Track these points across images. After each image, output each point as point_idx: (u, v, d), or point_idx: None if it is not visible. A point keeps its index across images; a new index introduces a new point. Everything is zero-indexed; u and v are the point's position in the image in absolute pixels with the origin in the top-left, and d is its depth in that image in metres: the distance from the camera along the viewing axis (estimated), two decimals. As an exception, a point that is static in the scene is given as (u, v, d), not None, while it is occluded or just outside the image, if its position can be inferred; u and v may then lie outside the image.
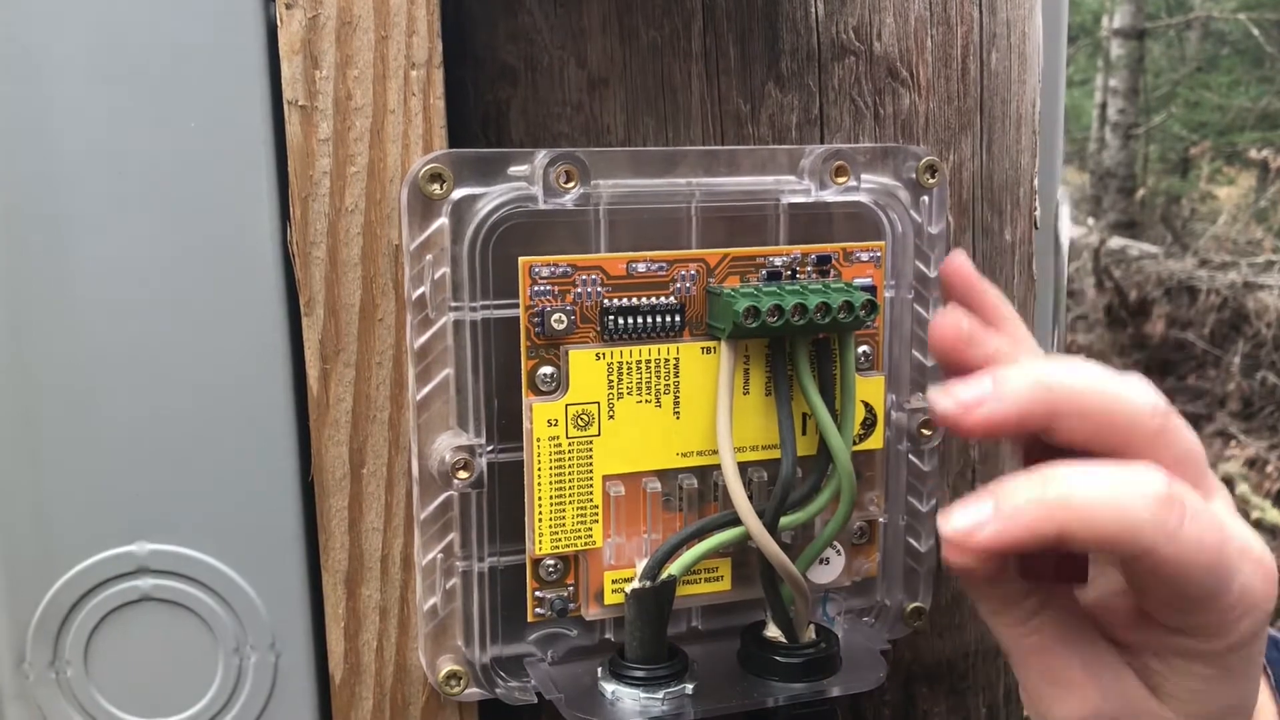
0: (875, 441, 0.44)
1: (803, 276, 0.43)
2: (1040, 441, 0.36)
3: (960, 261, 0.41)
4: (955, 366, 0.39)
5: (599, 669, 0.42)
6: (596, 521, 0.41)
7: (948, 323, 0.39)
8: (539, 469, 0.40)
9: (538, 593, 0.42)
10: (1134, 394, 0.36)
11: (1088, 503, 0.33)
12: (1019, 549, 0.34)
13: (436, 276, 0.39)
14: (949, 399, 0.36)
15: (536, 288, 0.40)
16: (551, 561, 0.42)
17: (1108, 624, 0.39)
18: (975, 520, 0.34)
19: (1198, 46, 5.71)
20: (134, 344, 0.39)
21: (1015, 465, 0.52)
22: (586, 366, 0.40)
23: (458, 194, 0.39)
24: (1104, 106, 5.57)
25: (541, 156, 0.39)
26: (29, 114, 0.37)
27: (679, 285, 0.41)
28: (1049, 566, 0.38)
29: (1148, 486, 0.33)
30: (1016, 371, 0.36)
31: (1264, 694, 0.42)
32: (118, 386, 0.39)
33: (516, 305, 0.40)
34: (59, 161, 0.38)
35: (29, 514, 0.39)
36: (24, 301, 0.38)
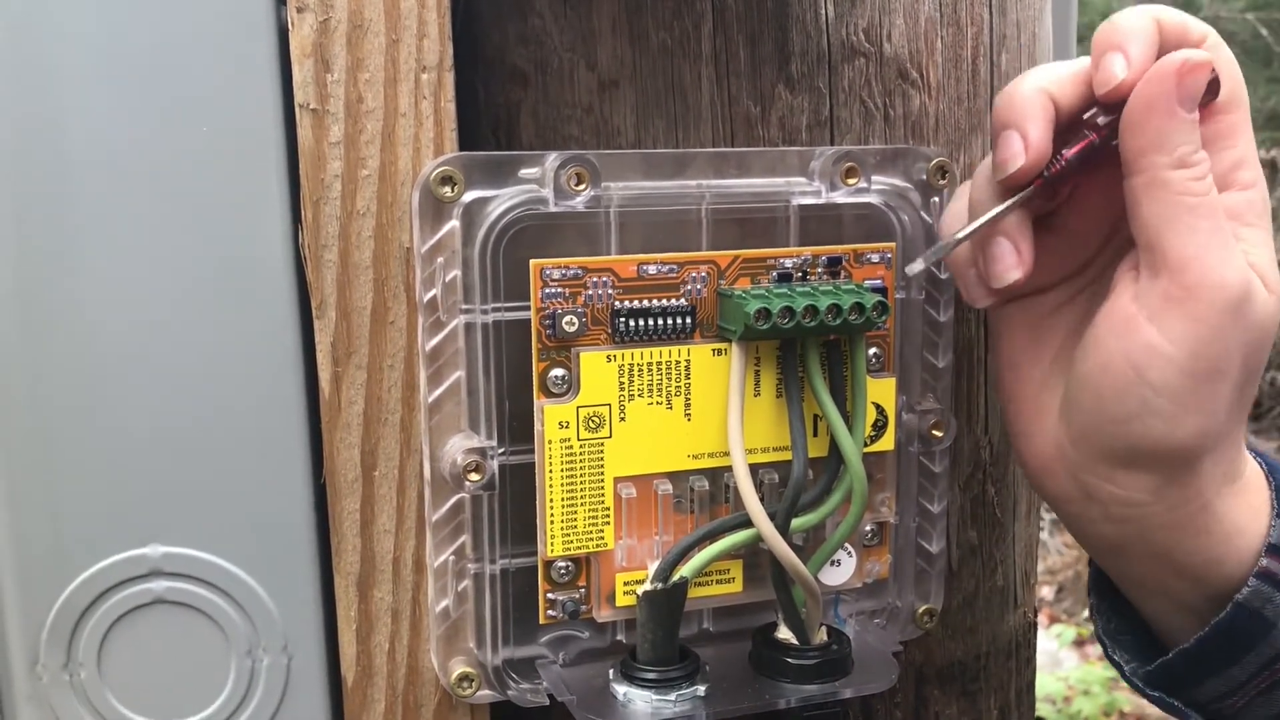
0: (886, 443, 0.44)
1: (813, 278, 0.43)
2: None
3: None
4: None
5: (611, 671, 0.42)
6: (608, 523, 0.41)
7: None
8: (550, 471, 0.40)
9: (549, 595, 0.42)
10: None
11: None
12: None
13: (448, 279, 0.39)
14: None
15: (547, 290, 0.40)
16: (563, 563, 0.42)
17: None
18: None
19: (1205, 46, 5.70)
20: (146, 347, 0.39)
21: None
22: (598, 368, 0.40)
23: (469, 197, 0.39)
24: (1112, 107, 5.55)
25: (552, 159, 0.39)
26: (40, 119, 0.37)
27: (690, 287, 0.41)
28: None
29: None
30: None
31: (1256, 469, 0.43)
32: (130, 390, 0.39)
33: (528, 307, 0.40)
34: (71, 166, 0.38)
35: (43, 517, 0.40)
36: (36, 306, 0.38)
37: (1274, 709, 0.41)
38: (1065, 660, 2.53)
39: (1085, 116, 0.39)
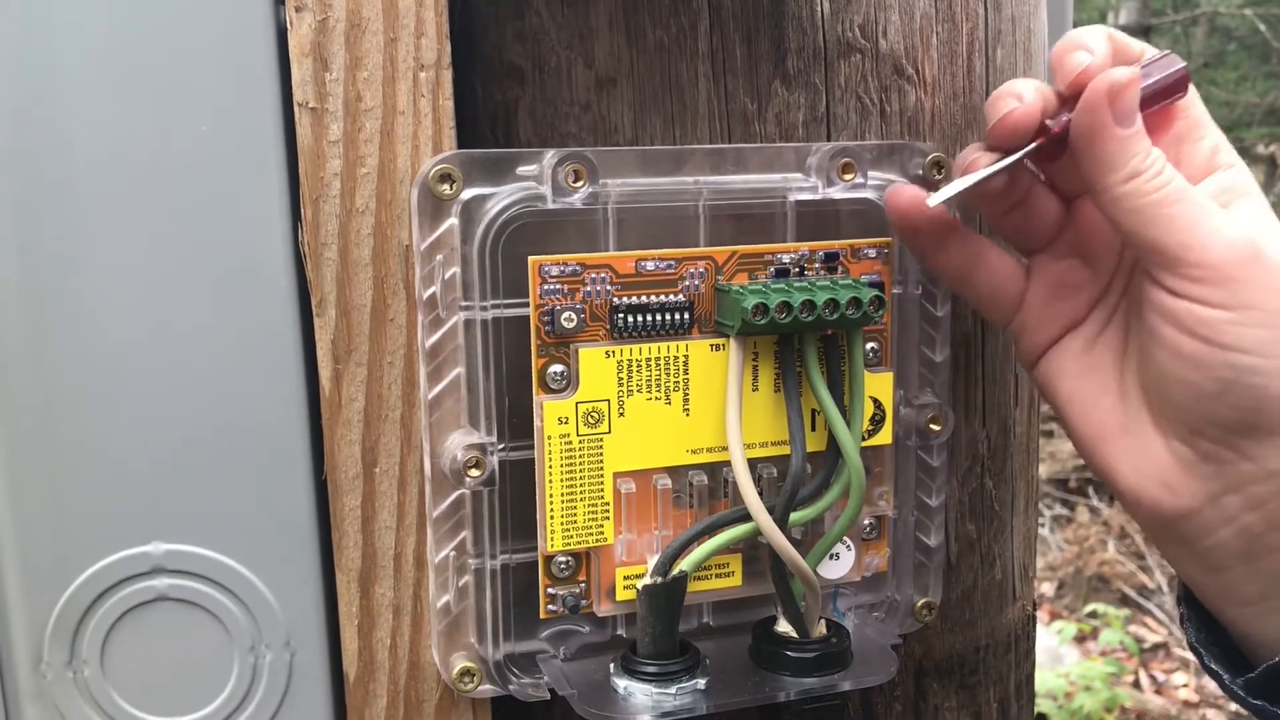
0: (884, 437, 0.44)
1: (811, 273, 0.43)
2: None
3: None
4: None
5: (611, 665, 0.42)
6: (608, 518, 0.41)
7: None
8: (550, 466, 0.41)
9: (550, 589, 0.42)
10: None
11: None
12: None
13: (447, 276, 0.40)
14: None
15: (546, 286, 0.40)
16: (563, 558, 0.42)
17: None
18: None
19: (1204, 42, 5.69)
20: (147, 345, 0.39)
21: (1023, 459, 0.52)
22: (596, 364, 0.40)
23: (467, 194, 0.40)
24: (1111, 103, 5.53)
25: (550, 156, 0.40)
26: (42, 119, 0.38)
27: (688, 283, 0.41)
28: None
29: None
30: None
31: None
32: (132, 388, 0.39)
33: (526, 304, 0.40)
34: (72, 165, 0.38)
35: (45, 515, 0.40)
36: (38, 304, 0.39)
37: None
38: (1066, 656, 2.53)
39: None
